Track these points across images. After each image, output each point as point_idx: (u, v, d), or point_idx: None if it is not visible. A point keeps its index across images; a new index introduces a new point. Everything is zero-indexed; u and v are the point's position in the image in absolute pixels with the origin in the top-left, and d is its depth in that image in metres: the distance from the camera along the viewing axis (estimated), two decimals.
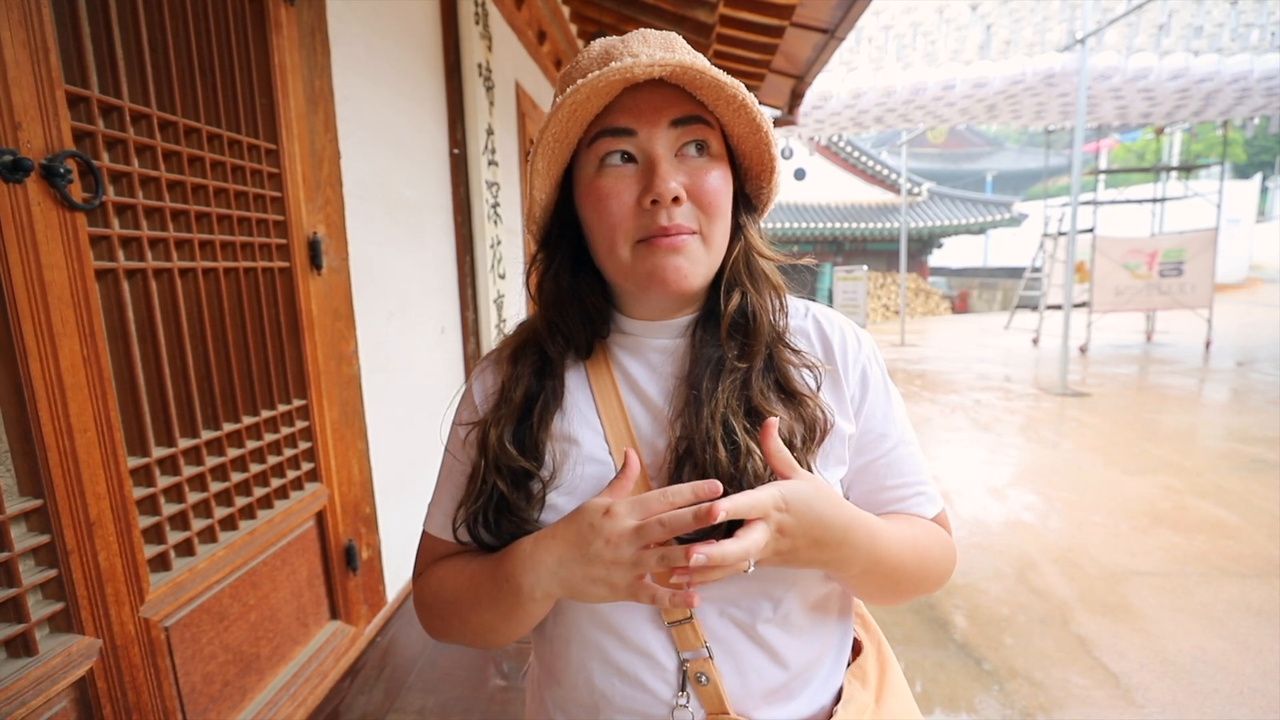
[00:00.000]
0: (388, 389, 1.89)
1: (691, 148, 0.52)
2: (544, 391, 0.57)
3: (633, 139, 0.51)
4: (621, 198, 0.51)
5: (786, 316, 0.58)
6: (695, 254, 0.52)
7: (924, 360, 8.37)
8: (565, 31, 3.63)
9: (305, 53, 1.47)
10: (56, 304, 0.88)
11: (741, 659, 0.53)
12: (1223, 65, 6.24)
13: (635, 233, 0.52)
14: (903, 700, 0.62)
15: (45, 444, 0.87)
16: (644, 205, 0.51)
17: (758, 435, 0.50)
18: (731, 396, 0.52)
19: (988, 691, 1.78)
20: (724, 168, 0.53)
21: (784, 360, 0.55)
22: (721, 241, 0.54)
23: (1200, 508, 3.08)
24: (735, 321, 0.55)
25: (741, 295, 0.56)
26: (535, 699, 0.64)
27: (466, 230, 2.48)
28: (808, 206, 15.79)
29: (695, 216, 0.52)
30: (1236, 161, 22.43)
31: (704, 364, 0.54)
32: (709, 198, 0.51)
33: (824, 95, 6.58)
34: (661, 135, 0.50)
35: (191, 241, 1.17)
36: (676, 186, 0.50)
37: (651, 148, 0.50)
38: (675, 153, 0.51)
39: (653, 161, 0.50)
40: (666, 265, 0.51)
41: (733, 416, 0.51)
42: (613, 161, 0.51)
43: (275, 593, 1.40)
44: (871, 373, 0.59)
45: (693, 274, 0.52)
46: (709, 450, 0.50)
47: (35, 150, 0.85)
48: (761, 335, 0.55)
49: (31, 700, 0.84)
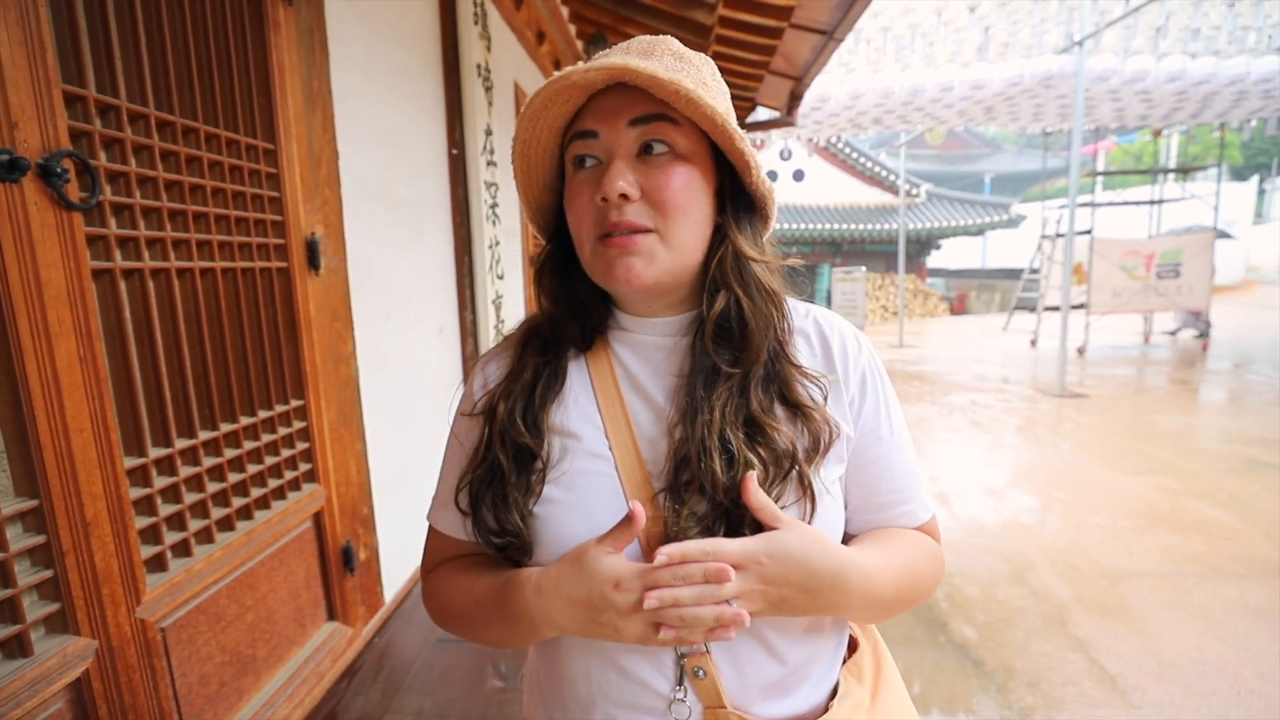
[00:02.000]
0: (386, 390, 1.88)
1: (654, 146, 0.52)
2: (545, 374, 0.59)
3: (596, 140, 0.53)
4: (584, 197, 0.53)
5: (789, 326, 0.58)
6: (649, 251, 0.52)
7: (922, 361, 8.38)
8: (564, 32, 3.63)
9: (304, 52, 1.47)
10: (53, 303, 0.88)
11: (739, 654, 0.54)
12: (1220, 68, 6.26)
13: (595, 229, 0.53)
14: (898, 697, 0.62)
15: (41, 444, 0.86)
16: (597, 203, 0.52)
17: (756, 448, 0.51)
18: (728, 407, 0.52)
19: (985, 692, 1.78)
20: (687, 166, 0.53)
21: (787, 372, 0.55)
22: (686, 241, 0.53)
23: (1198, 509, 3.08)
24: (721, 326, 0.55)
25: (728, 299, 0.55)
26: (533, 693, 0.64)
27: (465, 231, 2.47)
28: (806, 208, 15.80)
29: (650, 214, 0.52)
30: (1233, 164, 22.49)
31: (699, 370, 0.55)
32: (660, 195, 0.52)
33: (822, 97, 6.59)
34: (621, 135, 0.52)
35: (189, 241, 1.17)
36: (623, 185, 0.51)
37: (611, 148, 0.52)
38: (638, 152, 0.53)
39: (609, 162, 0.52)
40: (617, 264, 0.53)
41: (729, 429, 0.51)
42: (582, 164, 0.54)
43: (272, 594, 1.39)
44: (870, 376, 0.59)
45: (645, 272, 0.52)
46: (705, 461, 0.50)
47: (32, 149, 0.85)
48: (754, 342, 0.54)
49: (27, 701, 0.83)
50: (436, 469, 0.77)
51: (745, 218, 0.57)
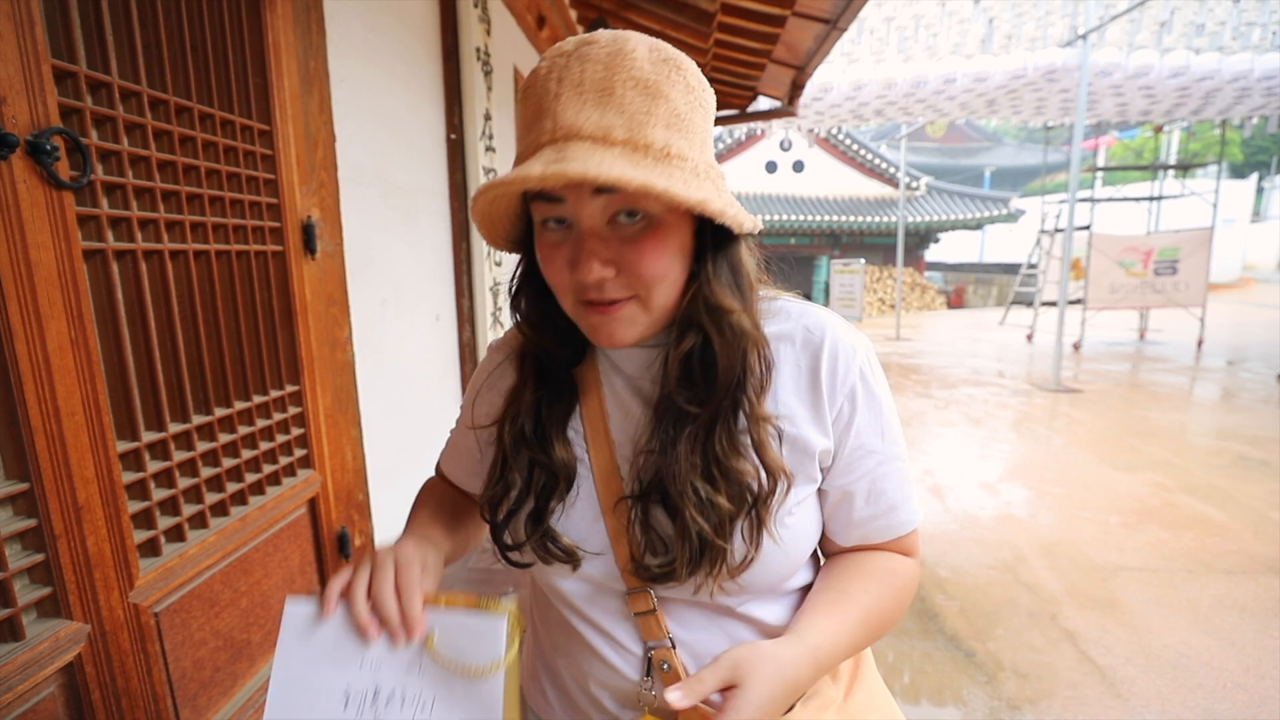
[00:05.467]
0: (382, 376, 1.87)
1: (623, 217, 0.49)
2: (547, 391, 0.59)
3: (562, 206, 0.49)
4: (556, 264, 0.51)
5: (765, 367, 0.54)
6: (631, 317, 0.51)
7: (919, 355, 8.40)
8: (564, 16, 3.58)
9: (300, 32, 1.44)
10: (43, 284, 0.86)
11: (702, 649, 0.56)
12: (1223, 64, 6.23)
13: (573, 294, 0.51)
14: (874, 694, 0.63)
15: (32, 427, 0.85)
16: (573, 280, 0.50)
17: (719, 494, 0.51)
18: (694, 454, 0.52)
19: (975, 683, 1.80)
20: (662, 234, 0.49)
21: (749, 416, 0.53)
22: (664, 299, 0.51)
23: (1189, 505, 3.11)
24: (686, 365, 0.53)
25: (697, 338, 0.52)
26: (529, 669, 0.70)
27: (463, 216, 2.45)
28: (805, 199, 15.75)
29: (627, 285, 0.50)
30: (1234, 161, 22.49)
31: (665, 406, 0.54)
32: (639, 270, 0.49)
33: (824, 87, 6.54)
34: (587, 205, 0.48)
35: (183, 223, 1.15)
36: (599, 268, 0.48)
37: (578, 217, 0.49)
38: (610, 219, 0.49)
39: (580, 237, 0.49)
40: (599, 328, 0.52)
41: (696, 478, 0.51)
42: (549, 225, 0.51)
43: (267, 579, 1.39)
44: (862, 389, 0.56)
45: (628, 334, 0.52)
46: (679, 500, 0.51)
47: (21, 126, 0.83)
48: (720, 384, 0.52)
49: (18, 685, 0.83)
50: (433, 456, 0.77)
51: (723, 257, 0.53)
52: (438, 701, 0.49)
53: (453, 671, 0.49)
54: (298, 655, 0.50)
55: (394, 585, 0.50)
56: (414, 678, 0.49)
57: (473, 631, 0.49)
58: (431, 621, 0.50)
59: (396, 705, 0.49)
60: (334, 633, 0.50)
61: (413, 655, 0.49)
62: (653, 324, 0.53)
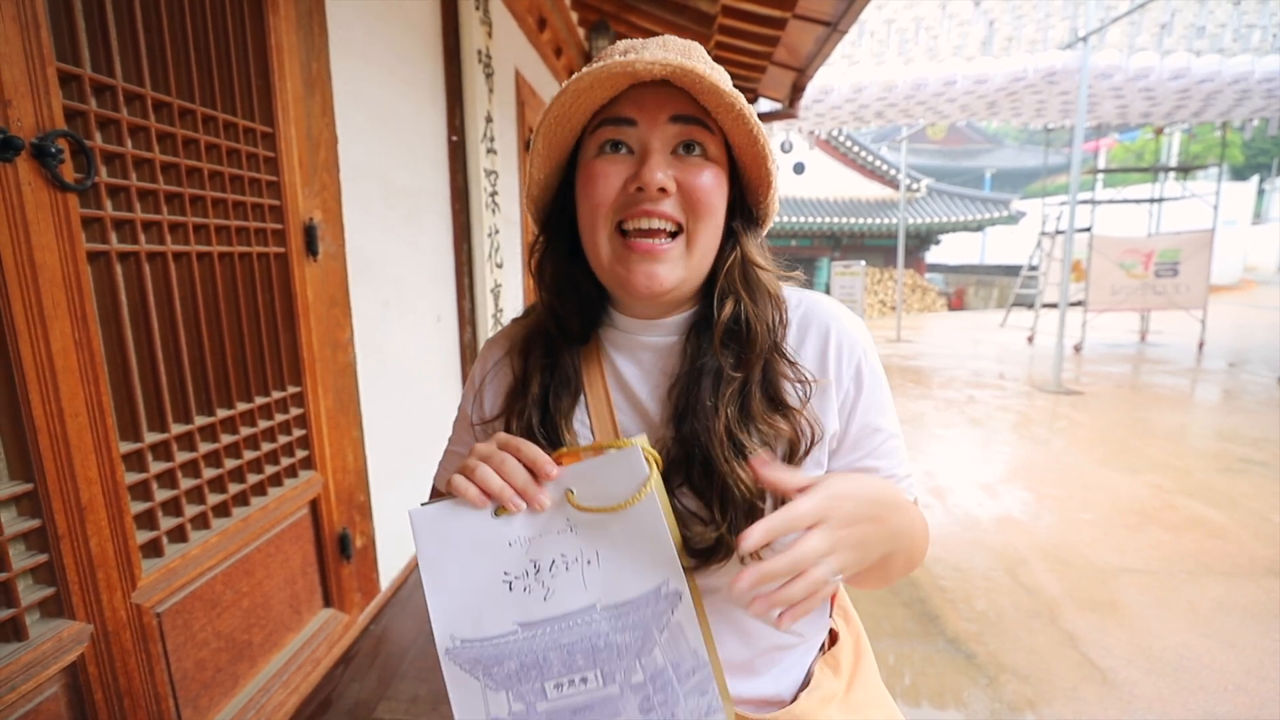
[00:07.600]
0: (383, 377, 1.88)
1: (688, 147, 0.53)
2: (553, 381, 0.59)
3: (633, 129, 0.52)
4: (610, 180, 0.52)
5: (785, 328, 0.58)
6: (674, 258, 0.53)
7: (919, 356, 8.39)
8: (566, 19, 3.59)
9: (303, 34, 1.45)
10: (48, 286, 0.87)
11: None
12: (1224, 66, 6.23)
13: (616, 213, 0.53)
14: (874, 692, 0.64)
15: (36, 427, 0.86)
16: (629, 190, 0.52)
17: (761, 447, 0.52)
18: (734, 408, 0.53)
19: (976, 685, 1.80)
20: (718, 171, 0.53)
21: (778, 372, 0.56)
22: (707, 245, 0.54)
23: (1189, 507, 3.11)
24: (730, 330, 0.55)
25: (736, 304, 0.56)
26: None
27: (464, 218, 2.46)
28: (806, 201, 15.75)
29: (681, 211, 0.52)
30: (1234, 163, 22.48)
31: (701, 373, 0.55)
32: (697, 194, 0.52)
33: (825, 89, 6.54)
34: (660, 129, 0.52)
35: (186, 225, 1.16)
36: (664, 178, 0.51)
37: (648, 139, 0.52)
38: (672, 150, 0.53)
39: (646, 152, 0.52)
40: (639, 270, 0.52)
41: (738, 431, 0.52)
42: (611, 149, 0.53)
43: (268, 580, 1.39)
44: (865, 368, 0.58)
45: (668, 279, 0.53)
46: (724, 463, 0.51)
47: (26, 129, 0.83)
48: (758, 345, 0.55)
49: (22, 685, 0.83)
50: (434, 457, 0.78)
51: (751, 226, 0.59)
52: (601, 553, 0.48)
53: (605, 510, 0.47)
54: (443, 560, 0.48)
55: (519, 461, 0.49)
56: (570, 540, 0.48)
57: (610, 469, 0.47)
58: (566, 479, 0.48)
59: (562, 570, 0.48)
60: (470, 526, 0.48)
61: (560, 521, 0.48)
62: (689, 277, 0.55)
